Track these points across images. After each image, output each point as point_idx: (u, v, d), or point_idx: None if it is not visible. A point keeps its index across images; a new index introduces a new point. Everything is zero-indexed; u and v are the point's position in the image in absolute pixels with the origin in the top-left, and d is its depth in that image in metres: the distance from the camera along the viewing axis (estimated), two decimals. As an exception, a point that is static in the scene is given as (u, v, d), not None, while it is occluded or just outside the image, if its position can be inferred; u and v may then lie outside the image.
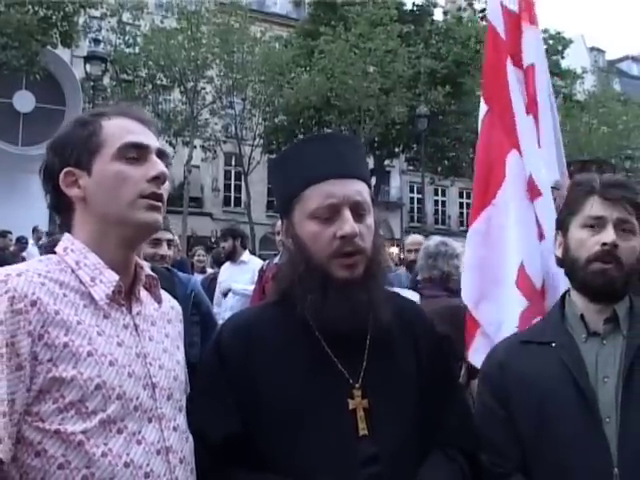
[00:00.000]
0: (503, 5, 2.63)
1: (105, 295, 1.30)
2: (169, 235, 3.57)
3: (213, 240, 19.97)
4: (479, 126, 2.63)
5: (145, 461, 1.24)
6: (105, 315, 1.29)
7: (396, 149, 25.82)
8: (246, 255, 6.16)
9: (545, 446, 1.58)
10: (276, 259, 5.09)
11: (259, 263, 5.80)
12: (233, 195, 29.79)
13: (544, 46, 2.82)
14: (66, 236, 1.37)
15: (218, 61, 21.16)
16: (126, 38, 21.63)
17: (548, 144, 2.53)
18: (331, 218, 1.48)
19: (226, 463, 1.45)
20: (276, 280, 1.68)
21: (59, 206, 1.39)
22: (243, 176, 23.92)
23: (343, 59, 20.41)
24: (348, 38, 20.59)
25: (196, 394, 1.51)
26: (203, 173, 28.09)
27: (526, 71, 2.54)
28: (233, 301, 5.91)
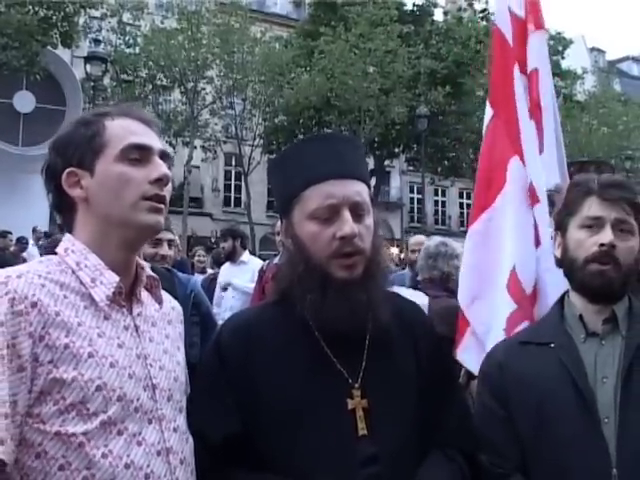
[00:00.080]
0: (512, 11, 2.61)
1: (105, 296, 1.29)
2: (170, 235, 3.57)
3: (213, 240, 19.97)
4: (484, 129, 2.64)
5: (145, 462, 1.24)
6: (106, 316, 1.29)
7: (396, 149, 25.82)
8: (246, 255, 6.16)
9: (544, 446, 1.58)
10: (276, 259, 5.10)
11: (259, 263, 5.80)
12: (233, 195, 29.79)
13: (546, 42, 2.81)
14: (67, 237, 1.37)
15: (218, 61, 21.16)
16: (126, 38, 21.64)
17: (549, 148, 2.53)
18: (330, 218, 1.48)
19: (226, 463, 1.45)
20: (275, 280, 1.68)
21: (61, 206, 1.38)
22: (243, 176, 23.92)
23: (343, 59, 20.41)
24: (348, 38, 20.59)
25: (196, 394, 1.51)
26: (203, 173, 28.09)
27: (530, 76, 2.54)
28: (233, 301, 5.91)
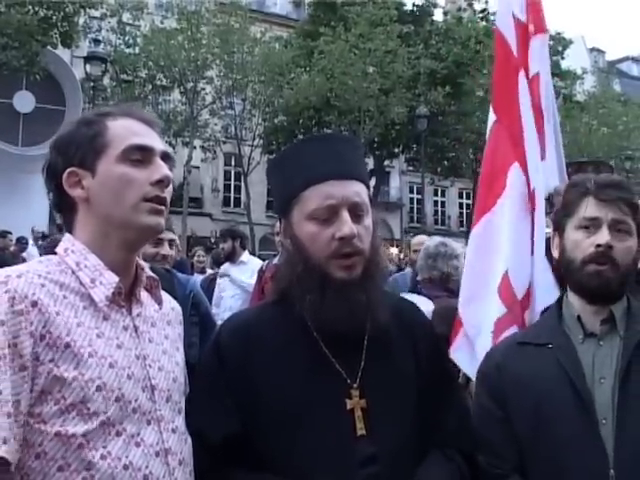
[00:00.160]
0: (515, 17, 2.59)
1: (105, 297, 1.29)
2: (171, 235, 3.56)
3: (213, 240, 19.97)
4: (487, 133, 2.64)
5: (144, 463, 1.24)
6: (105, 317, 1.29)
7: (396, 149, 25.84)
8: (245, 256, 6.16)
9: (542, 447, 1.58)
10: (275, 259, 5.09)
11: (258, 263, 5.81)
12: (233, 195, 29.78)
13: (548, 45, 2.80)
14: (67, 237, 1.36)
15: (218, 61, 21.16)
16: (126, 38, 21.64)
17: (550, 151, 2.54)
18: (330, 219, 1.48)
19: (225, 463, 1.45)
20: (275, 280, 1.68)
21: (61, 206, 1.38)
22: (243, 176, 23.92)
23: (343, 59, 20.41)
24: (348, 38, 20.60)
25: (195, 394, 1.51)
26: (203, 173, 28.09)
27: (531, 81, 2.54)
28: (232, 301, 5.92)
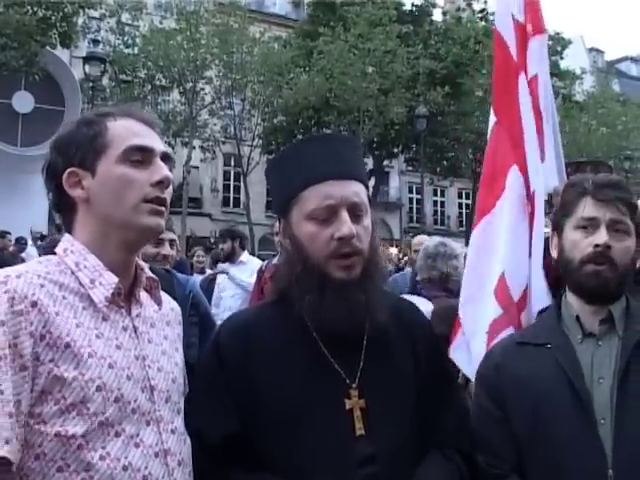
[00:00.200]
0: (515, 18, 2.58)
1: (104, 297, 1.29)
2: (172, 235, 3.55)
3: (212, 241, 19.97)
4: (488, 134, 2.64)
5: (143, 464, 1.24)
6: (104, 317, 1.29)
7: (395, 149, 25.84)
8: (245, 256, 6.16)
9: (540, 447, 1.58)
10: (275, 260, 5.09)
11: (258, 264, 5.80)
12: (232, 196, 29.78)
13: (547, 46, 2.79)
14: (66, 237, 1.36)
15: (217, 62, 21.16)
16: (125, 39, 21.65)
17: (549, 152, 2.54)
18: (329, 219, 1.48)
19: (224, 463, 1.45)
20: (274, 280, 1.68)
21: (61, 206, 1.38)
22: (242, 177, 23.92)
23: (342, 60, 20.41)
24: (347, 39, 20.60)
25: (195, 394, 1.52)
26: (202, 174, 28.08)
27: (530, 82, 2.54)
28: (232, 301, 5.92)
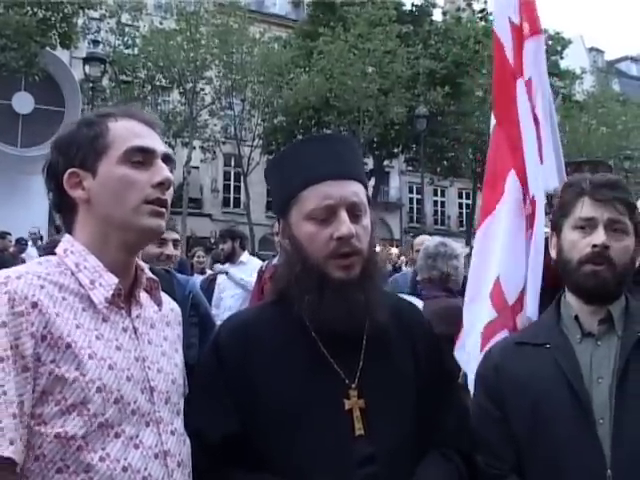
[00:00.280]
0: (511, 21, 2.58)
1: (104, 298, 1.29)
2: (175, 235, 3.54)
3: (213, 241, 19.97)
4: (490, 136, 2.65)
5: (143, 465, 1.24)
6: (104, 318, 1.28)
7: (395, 149, 25.85)
8: (245, 256, 6.16)
9: (539, 447, 1.58)
10: (275, 260, 5.10)
11: (258, 264, 5.80)
12: (232, 196, 29.77)
13: (544, 47, 2.79)
14: (66, 237, 1.36)
15: (217, 62, 21.17)
16: (125, 39, 21.67)
17: (548, 153, 2.54)
18: (328, 219, 1.49)
19: (223, 463, 1.45)
20: (273, 280, 1.68)
21: (61, 206, 1.37)
22: (242, 177, 23.93)
23: (342, 60, 20.42)
24: (347, 39, 20.61)
25: (194, 395, 1.52)
26: (202, 174, 28.09)
27: (526, 84, 2.54)
28: (232, 301, 5.92)
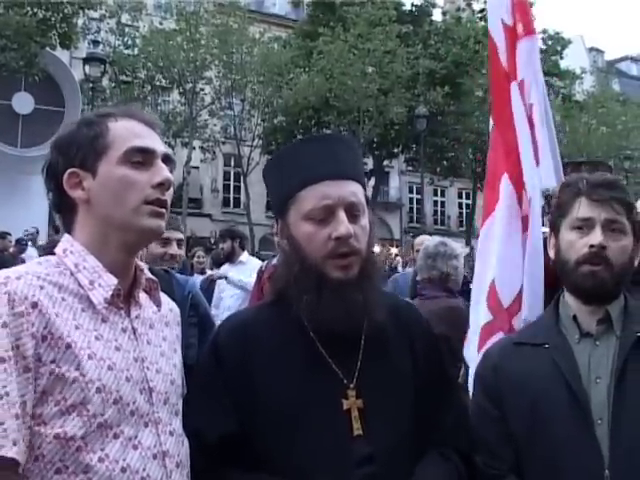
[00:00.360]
0: (504, 23, 2.58)
1: (103, 299, 1.29)
2: (179, 235, 3.52)
3: (212, 241, 19.96)
4: (490, 137, 2.65)
5: (142, 466, 1.24)
6: (103, 319, 1.28)
7: (395, 149, 25.86)
8: (245, 256, 6.18)
9: (537, 447, 1.58)
10: (274, 260, 5.10)
11: (257, 264, 5.81)
12: (232, 196, 29.78)
13: (543, 47, 2.78)
14: (66, 237, 1.36)
15: (217, 62, 21.19)
16: (125, 39, 21.69)
17: (545, 154, 2.54)
18: (326, 219, 1.49)
19: (221, 463, 1.45)
20: (272, 280, 1.68)
21: (61, 206, 1.37)
22: (242, 177, 23.93)
23: (342, 60, 20.44)
24: (347, 39, 20.63)
25: (193, 394, 1.52)
26: (202, 174, 28.09)
27: (519, 86, 2.54)
28: (231, 301, 5.93)
